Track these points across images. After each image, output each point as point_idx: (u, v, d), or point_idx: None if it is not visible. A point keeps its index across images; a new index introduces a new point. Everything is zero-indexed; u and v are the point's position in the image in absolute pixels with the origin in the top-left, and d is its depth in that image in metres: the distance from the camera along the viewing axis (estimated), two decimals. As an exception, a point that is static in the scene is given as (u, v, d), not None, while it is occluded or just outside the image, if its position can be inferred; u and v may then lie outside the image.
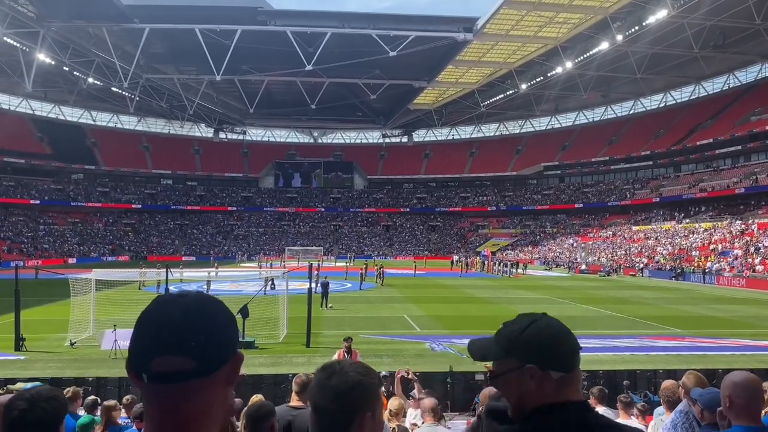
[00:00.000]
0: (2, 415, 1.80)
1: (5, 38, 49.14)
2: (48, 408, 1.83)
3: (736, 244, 48.08)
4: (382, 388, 8.57)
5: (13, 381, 10.83)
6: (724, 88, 70.02)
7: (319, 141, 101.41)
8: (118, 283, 26.41)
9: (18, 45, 51.29)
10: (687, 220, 60.62)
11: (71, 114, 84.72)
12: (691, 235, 55.49)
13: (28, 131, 77.88)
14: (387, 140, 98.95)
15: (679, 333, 20.36)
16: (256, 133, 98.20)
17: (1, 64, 59.20)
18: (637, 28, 48.88)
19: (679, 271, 47.12)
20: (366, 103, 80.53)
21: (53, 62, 55.70)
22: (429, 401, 5.85)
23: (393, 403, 6.08)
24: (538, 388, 1.37)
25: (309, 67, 55.90)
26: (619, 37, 50.26)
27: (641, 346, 17.66)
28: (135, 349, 1.10)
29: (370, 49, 54.35)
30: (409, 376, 8.38)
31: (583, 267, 56.18)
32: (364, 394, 1.40)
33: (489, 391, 5.65)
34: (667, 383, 5.77)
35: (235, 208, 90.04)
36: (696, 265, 47.46)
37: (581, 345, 1.44)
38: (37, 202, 74.16)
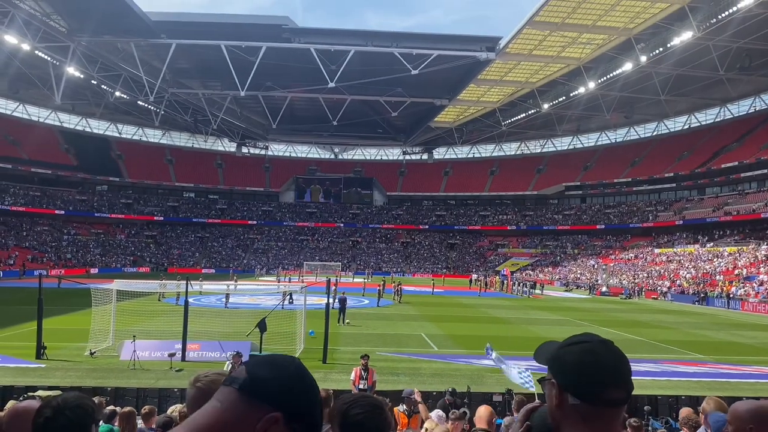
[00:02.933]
0: (32, 422, 1.83)
1: (37, 52, 50.46)
2: (72, 416, 1.86)
3: (761, 269, 47.17)
4: (403, 407, 8.57)
5: (34, 389, 10.97)
6: (750, 111, 69.15)
7: (340, 157, 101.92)
8: (139, 294, 26.65)
9: (48, 59, 52.60)
10: (711, 244, 59.70)
11: (98, 126, 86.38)
12: (715, 259, 54.61)
13: (55, 143, 79.55)
14: (407, 157, 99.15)
15: (701, 358, 19.97)
16: (278, 149, 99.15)
17: (33, 77, 60.69)
18: (661, 49, 48.62)
19: (702, 295, 46.34)
20: (387, 120, 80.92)
21: (82, 76, 56.97)
22: (439, 428, 5.80)
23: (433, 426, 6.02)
24: (558, 407, 1.35)
25: (331, 84, 56.42)
26: (643, 59, 50.02)
27: (662, 371, 17.34)
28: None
29: (393, 67, 54.75)
30: (414, 398, 8.33)
31: (604, 289, 55.46)
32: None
33: (485, 410, 5.58)
34: (685, 411, 5.69)
35: (255, 222, 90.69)
36: (720, 289, 46.63)
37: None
38: (62, 212, 75.43)
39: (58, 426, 1.83)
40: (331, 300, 19.14)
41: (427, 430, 5.87)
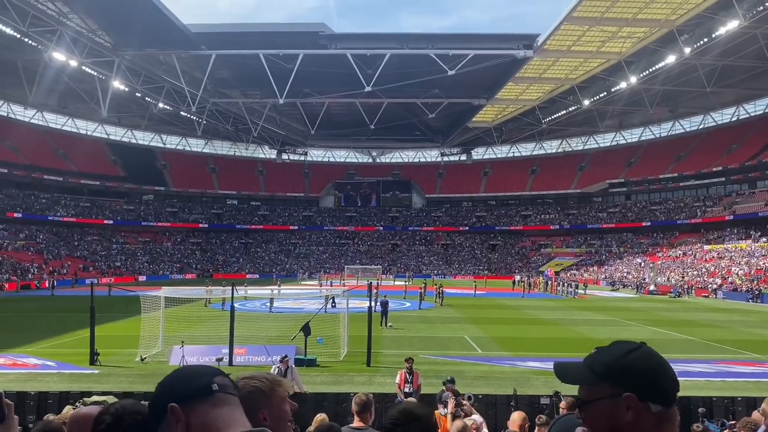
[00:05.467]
0: (91, 429, 1.88)
1: (84, 67, 52.18)
2: (132, 422, 1.90)
3: (819, 264, 45.26)
4: (444, 410, 8.51)
5: (89, 394, 11.29)
6: (802, 100, 66.51)
7: (378, 160, 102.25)
8: (186, 300, 27.21)
9: (95, 74, 54.35)
10: (764, 239, 57.57)
11: (143, 138, 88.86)
12: (769, 255, 52.64)
13: (103, 155, 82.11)
14: (445, 159, 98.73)
15: (757, 358, 19.28)
16: (316, 154, 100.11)
17: (80, 92, 62.74)
18: (705, 40, 47.19)
19: (756, 292, 44.70)
20: (424, 122, 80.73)
21: (127, 89, 58.62)
22: (458, 423, 5.73)
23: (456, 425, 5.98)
24: (635, 421, 1.26)
25: (368, 89, 56.60)
26: (687, 50, 48.62)
27: (717, 372, 16.80)
28: None
29: (429, 68, 54.58)
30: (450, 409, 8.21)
31: (652, 288, 54.06)
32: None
33: (519, 415, 5.46)
34: (755, 415, 5.49)
35: (296, 227, 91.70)
36: (775, 286, 44.92)
37: None
38: (111, 222, 77.77)
39: (119, 431, 1.86)
40: (373, 303, 19.16)
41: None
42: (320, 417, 5.95)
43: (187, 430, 1.23)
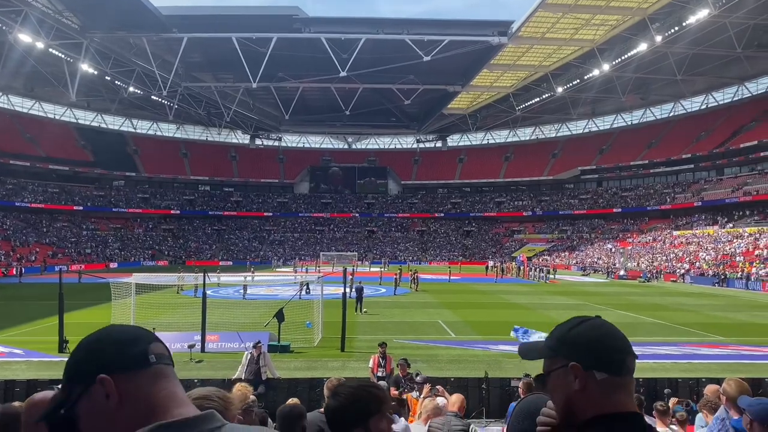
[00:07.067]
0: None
1: (51, 49, 50.86)
2: None
3: (782, 249, 46.53)
4: (416, 393, 8.62)
5: (58, 382, 11.12)
6: (769, 89, 67.87)
7: (354, 147, 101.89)
8: (158, 287, 26.91)
9: (62, 56, 53.02)
10: (730, 225, 58.96)
11: (113, 122, 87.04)
12: (735, 240, 53.94)
13: (72, 139, 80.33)
14: (421, 145, 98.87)
15: (722, 340, 19.79)
16: (291, 140, 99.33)
17: (47, 75, 61.12)
18: (676, 28, 47.83)
19: (722, 277, 45.83)
20: (400, 108, 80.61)
21: (96, 72, 57.37)
22: (430, 403, 5.81)
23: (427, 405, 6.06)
24: (582, 389, 1.30)
25: (343, 74, 56.23)
26: (658, 38, 49.25)
27: (682, 354, 17.22)
28: None
29: (404, 54, 54.43)
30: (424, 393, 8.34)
31: (622, 273, 55.08)
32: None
33: (457, 397, 5.60)
34: (711, 389, 5.62)
35: (270, 214, 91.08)
36: (740, 271, 46.08)
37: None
38: (81, 208, 76.29)
39: None
40: (347, 289, 19.18)
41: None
42: (292, 401, 5.96)
43: (119, 407, 1.09)
